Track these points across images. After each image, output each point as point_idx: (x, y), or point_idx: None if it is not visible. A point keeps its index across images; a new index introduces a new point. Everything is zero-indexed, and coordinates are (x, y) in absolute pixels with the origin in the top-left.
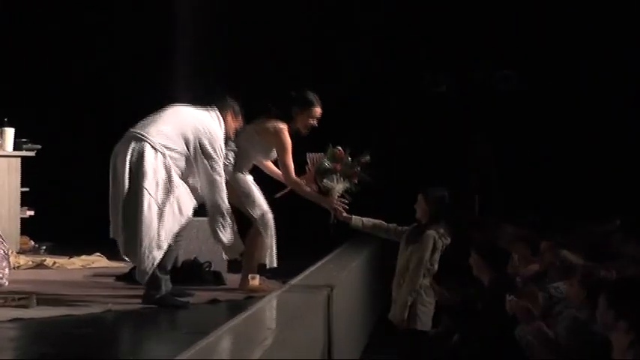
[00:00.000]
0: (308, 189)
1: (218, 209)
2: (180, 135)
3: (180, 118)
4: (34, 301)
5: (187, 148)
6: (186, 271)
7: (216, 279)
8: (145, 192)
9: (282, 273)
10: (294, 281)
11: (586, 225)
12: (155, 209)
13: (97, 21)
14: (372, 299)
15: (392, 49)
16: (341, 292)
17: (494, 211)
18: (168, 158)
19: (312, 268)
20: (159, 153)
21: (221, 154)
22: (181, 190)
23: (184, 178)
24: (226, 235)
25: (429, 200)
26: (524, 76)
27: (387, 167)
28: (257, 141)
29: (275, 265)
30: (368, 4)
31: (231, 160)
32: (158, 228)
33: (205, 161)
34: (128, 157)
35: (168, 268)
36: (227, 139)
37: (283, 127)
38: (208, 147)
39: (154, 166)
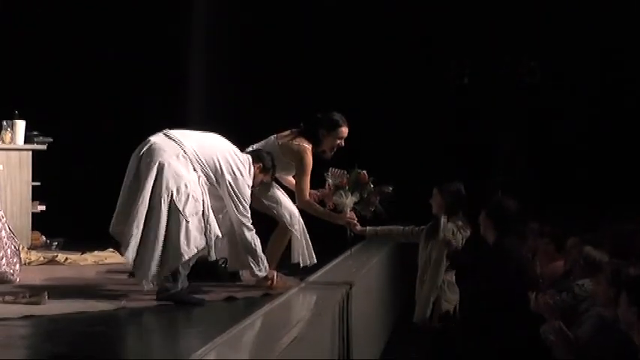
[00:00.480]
0: (320, 208)
1: (249, 249)
2: (213, 159)
3: (218, 144)
4: (46, 297)
5: (215, 175)
6: (201, 267)
7: (232, 276)
8: (171, 197)
9: (301, 270)
10: (313, 278)
11: (612, 221)
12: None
13: (111, 14)
14: (393, 297)
15: (415, 41)
16: (360, 290)
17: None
18: (201, 174)
19: (330, 265)
20: (194, 169)
21: (245, 199)
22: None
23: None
24: (262, 268)
25: (445, 194)
26: (550, 68)
27: (409, 162)
28: (280, 157)
29: (314, 261)
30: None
31: None
32: (180, 237)
33: (230, 200)
34: (160, 160)
35: (191, 264)
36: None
37: (308, 147)
38: (233, 184)
39: (185, 178)
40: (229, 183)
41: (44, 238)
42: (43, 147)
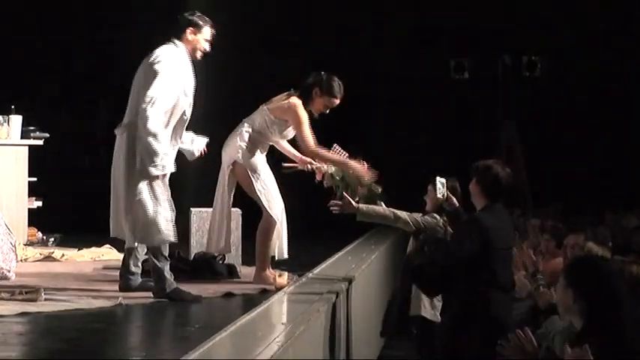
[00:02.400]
0: (327, 154)
1: None
2: None
3: None
4: (42, 294)
5: None
6: (198, 263)
7: (230, 272)
8: None
9: (300, 265)
10: (312, 273)
11: (614, 217)
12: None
13: (110, 9)
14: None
15: (420, 36)
16: (360, 285)
17: (520, 201)
18: None
19: (330, 261)
20: None
21: None
22: None
23: None
24: None
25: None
26: (552, 61)
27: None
28: (271, 120)
29: (285, 256)
30: None
31: (245, 141)
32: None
33: None
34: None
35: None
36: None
37: (298, 101)
38: None
39: None
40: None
41: (40, 234)
42: (40, 142)
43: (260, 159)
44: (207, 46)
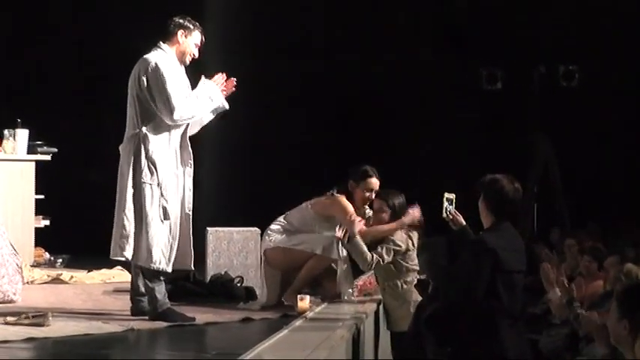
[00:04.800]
0: (381, 227)
1: None
2: None
3: None
4: (50, 319)
5: None
6: (215, 286)
7: (249, 295)
8: None
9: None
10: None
11: None
12: None
13: (117, 21)
14: None
15: (452, 45)
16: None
17: (557, 220)
18: None
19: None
20: None
21: None
22: None
23: None
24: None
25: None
26: (589, 72)
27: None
28: (312, 216)
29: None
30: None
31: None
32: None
33: None
34: None
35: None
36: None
37: (340, 195)
38: None
39: None
40: None
41: (48, 254)
42: (48, 158)
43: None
44: (196, 51)
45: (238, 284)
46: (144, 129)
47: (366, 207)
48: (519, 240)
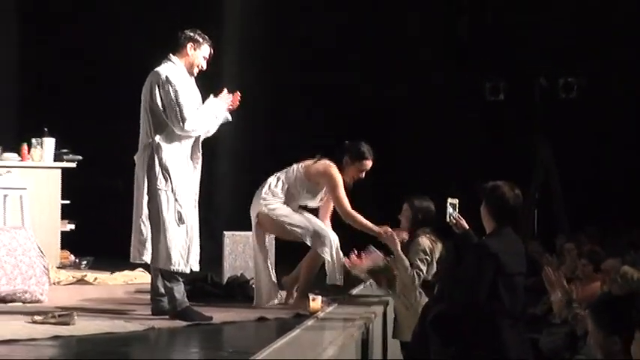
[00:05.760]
0: (364, 221)
1: None
2: None
3: None
4: (75, 318)
5: None
6: (231, 287)
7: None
8: None
9: (332, 289)
10: (346, 296)
11: None
12: None
13: (140, 32)
14: None
15: (454, 57)
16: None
17: (556, 225)
18: None
19: (364, 284)
20: None
21: None
22: None
23: None
24: None
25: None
26: (587, 84)
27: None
28: (302, 179)
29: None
30: (429, 11)
31: (269, 194)
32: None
33: None
34: None
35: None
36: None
37: (333, 164)
38: None
39: None
40: None
41: (73, 257)
42: (73, 165)
43: (283, 207)
44: (204, 64)
45: (253, 285)
46: (157, 138)
47: None
48: (520, 244)
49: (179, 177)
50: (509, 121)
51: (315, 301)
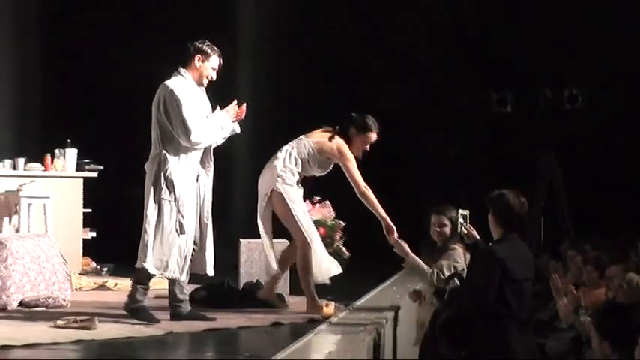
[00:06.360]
0: (378, 204)
1: None
2: None
3: None
4: (96, 322)
5: None
6: (248, 293)
7: (279, 301)
8: None
9: (346, 294)
10: (358, 303)
11: None
12: None
13: (159, 42)
14: None
15: (461, 70)
16: (405, 314)
17: (562, 232)
18: None
19: (375, 291)
20: None
21: None
22: None
23: None
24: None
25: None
26: (591, 96)
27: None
28: (314, 155)
29: (327, 280)
30: (437, 23)
31: (284, 170)
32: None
33: None
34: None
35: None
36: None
37: (343, 142)
38: None
39: None
40: None
41: (95, 263)
42: (94, 174)
43: (297, 189)
44: (213, 75)
45: None
46: (164, 150)
47: None
48: (527, 250)
49: (183, 188)
50: (516, 131)
51: (329, 307)
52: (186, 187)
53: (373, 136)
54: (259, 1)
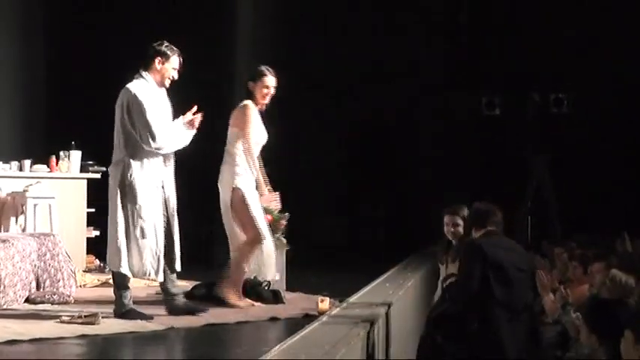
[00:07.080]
0: (259, 171)
1: None
2: None
3: None
4: (100, 318)
5: None
6: (245, 289)
7: (275, 297)
8: None
9: (340, 291)
10: (351, 299)
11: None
12: None
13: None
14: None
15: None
16: (398, 310)
17: (549, 232)
18: None
19: (368, 287)
20: None
21: None
22: None
23: None
24: None
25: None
26: (578, 99)
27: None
28: (234, 133)
29: (277, 277)
30: (427, 28)
31: (239, 166)
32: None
33: None
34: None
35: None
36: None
37: (247, 102)
38: None
39: None
40: None
41: (98, 261)
42: (98, 176)
43: (254, 195)
44: (175, 75)
45: (266, 287)
46: (127, 154)
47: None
48: (514, 243)
49: (145, 193)
50: (505, 134)
51: (324, 303)
52: (149, 191)
53: (269, 80)
54: (259, 1)
